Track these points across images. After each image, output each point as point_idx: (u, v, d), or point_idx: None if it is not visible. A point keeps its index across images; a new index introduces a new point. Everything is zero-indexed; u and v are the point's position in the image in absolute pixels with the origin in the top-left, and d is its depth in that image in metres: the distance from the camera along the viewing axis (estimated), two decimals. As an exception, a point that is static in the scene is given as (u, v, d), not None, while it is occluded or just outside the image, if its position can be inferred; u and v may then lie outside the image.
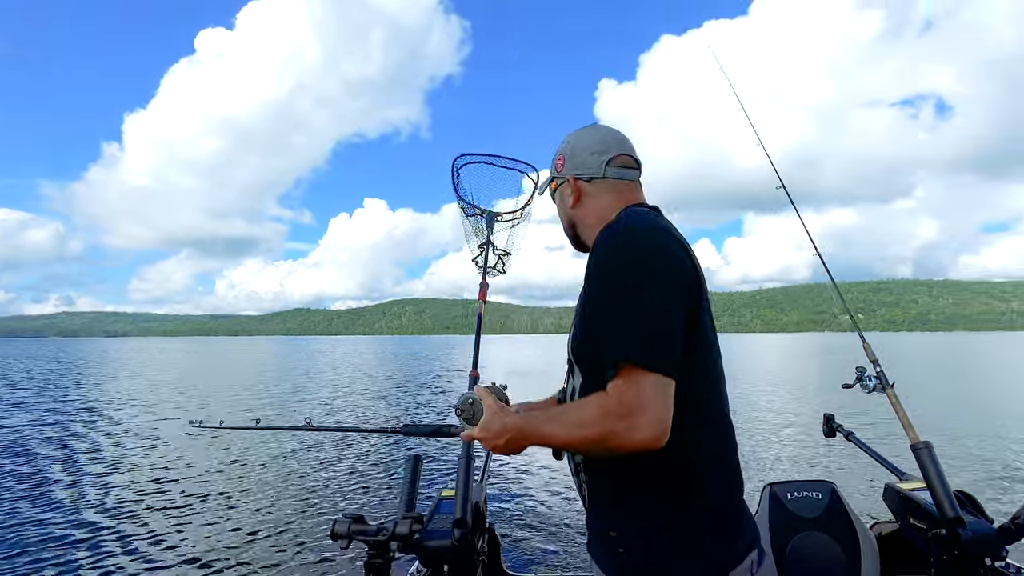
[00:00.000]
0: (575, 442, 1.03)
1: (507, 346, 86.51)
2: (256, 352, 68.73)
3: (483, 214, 2.36)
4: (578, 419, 1.02)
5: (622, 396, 0.97)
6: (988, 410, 13.22)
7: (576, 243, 1.38)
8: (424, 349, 74.61)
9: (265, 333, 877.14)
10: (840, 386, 2.26)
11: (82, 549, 5.28)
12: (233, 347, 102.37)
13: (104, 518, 6.13)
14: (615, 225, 1.15)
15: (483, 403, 1.15)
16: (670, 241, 1.10)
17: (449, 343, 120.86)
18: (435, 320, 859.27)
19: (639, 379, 0.97)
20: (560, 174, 1.34)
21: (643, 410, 0.96)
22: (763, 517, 2.08)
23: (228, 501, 6.78)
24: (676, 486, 1.08)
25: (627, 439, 0.96)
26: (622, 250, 1.07)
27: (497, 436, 1.10)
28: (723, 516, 1.11)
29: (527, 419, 1.10)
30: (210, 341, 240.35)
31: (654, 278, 1.03)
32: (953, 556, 1.71)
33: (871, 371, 2.09)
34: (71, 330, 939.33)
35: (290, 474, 8.05)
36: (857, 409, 11.40)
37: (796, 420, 12.16)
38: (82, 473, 8.19)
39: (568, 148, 1.33)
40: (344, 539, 1.53)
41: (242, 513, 6.33)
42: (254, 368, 35.26)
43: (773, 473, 7.69)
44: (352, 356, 52.17)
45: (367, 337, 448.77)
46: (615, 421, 0.97)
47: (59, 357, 54.60)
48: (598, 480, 1.16)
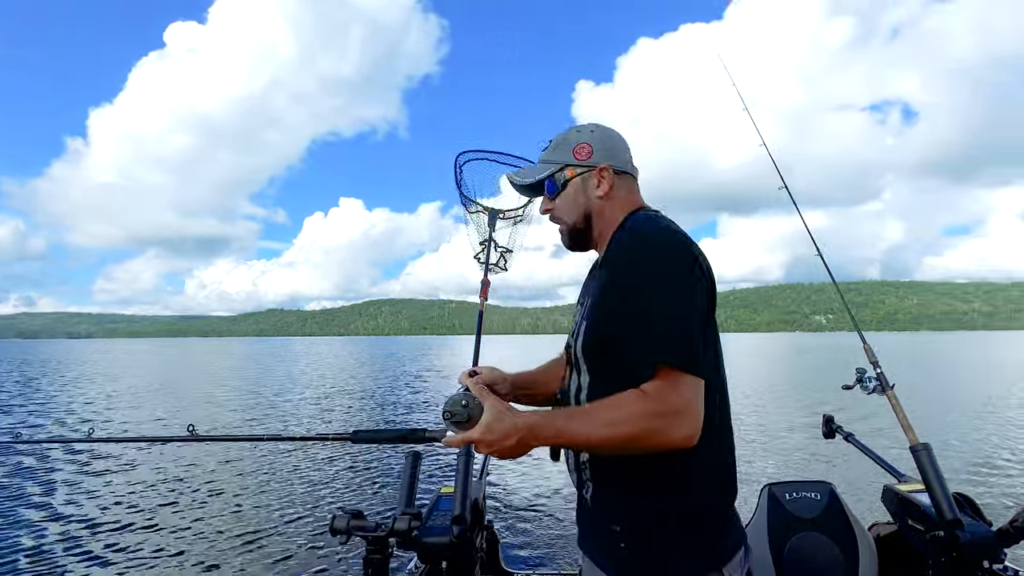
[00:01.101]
0: (605, 440, 1.03)
1: (487, 347, 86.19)
2: (228, 353, 67.38)
3: (485, 211, 2.33)
4: (611, 418, 1.02)
5: (664, 396, 1.01)
6: (970, 411, 13.45)
7: (579, 238, 1.32)
8: (401, 350, 74.03)
9: (237, 334, 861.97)
10: (840, 387, 2.27)
11: (82, 549, 5.25)
12: (204, 348, 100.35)
13: (102, 519, 6.11)
14: (642, 225, 1.18)
15: (483, 403, 1.05)
16: (695, 245, 1.14)
17: (426, 344, 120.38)
18: (412, 321, 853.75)
19: (679, 380, 1.01)
20: (587, 162, 1.28)
21: (682, 411, 1.00)
22: (761, 517, 2.08)
23: (227, 498, 6.77)
24: (682, 484, 1.12)
25: (666, 438, 1.00)
26: (658, 249, 1.10)
27: (505, 437, 1.02)
28: (720, 513, 1.17)
29: (544, 417, 1.06)
30: (180, 342, 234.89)
31: (695, 285, 1.09)
32: (951, 558, 1.71)
33: (871, 372, 2.10)
34: (32, 331, 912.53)
35: (289, 470, 8.04)
36: (845, 406, 11.59)
37: (794, 420, 12.30)
38: (68, 475, 8.05)
39: (594, 138, 1.30)
40: (343, 534, 1.52)
41: (242, 509, 6.33)
42: (228, 370, 34.66)
43: (771, 473, 7.75)
44: (328, 358, 51.44)
45: (342, 338, 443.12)
46: (655, 420, 1.00)
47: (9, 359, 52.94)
48: (605, 478, 1.18)
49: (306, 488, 7.14)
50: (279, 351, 74.80)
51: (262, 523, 5.86)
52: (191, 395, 19.88)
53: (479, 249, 2.31)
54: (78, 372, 33.20)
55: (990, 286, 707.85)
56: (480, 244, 2.32)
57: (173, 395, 19.98)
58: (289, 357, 53.40)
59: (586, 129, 1.32)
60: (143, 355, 62.99)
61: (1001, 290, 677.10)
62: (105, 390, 21.39)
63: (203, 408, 16.06)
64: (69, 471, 8.27)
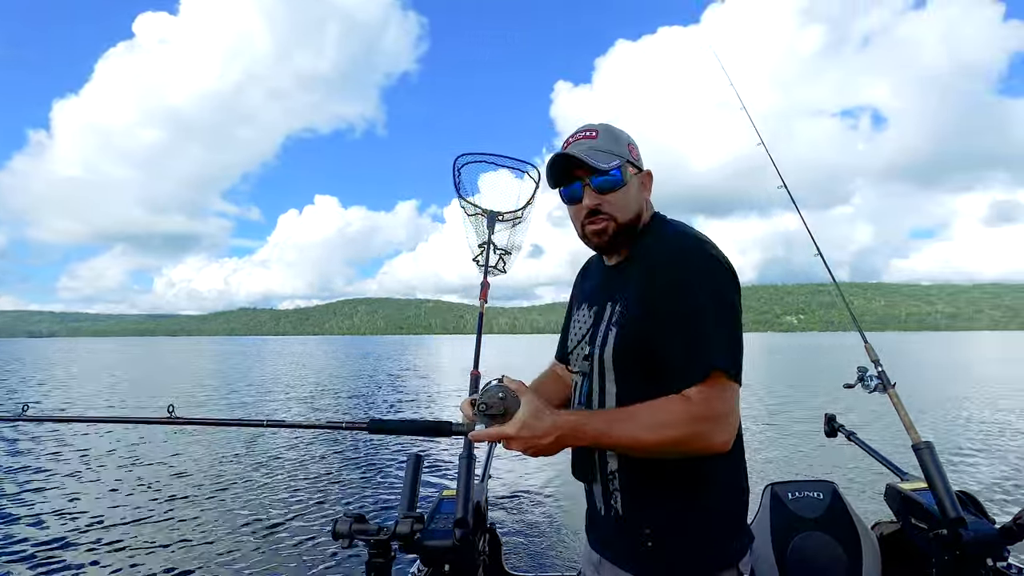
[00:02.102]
0: (649, 443, 1.06)
1: (460, 347, 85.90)
2: (207, 351, 65.85)
3: (484, 214, 2.31)
4: (656, 421, 1.05)
5: (710, 402, 1.05)
6: (958, 409, 13.57)
7: (627, 237, 1.28)
8: (377, 349, 73.20)
9: (208, 333, 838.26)
10: (841, 386, 2.28)
11: (81, 551, 5.24)
12: (173, 347, 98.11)
13: (102, 518, 6.09)
14: (694, 233, 1.22)
15: (520, 397, 1.04)
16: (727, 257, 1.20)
17: (403, 343, 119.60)
18: (388, 320, 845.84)
19: (726, 387, 1.07)
20: (639, 163, 1.31)
21: (727, 416, 1.07)
22: (764, 517, 2.08)
23: (229, 501, 6.74)
24: (707, 486, 1.18)
25: (710, 442, 1.06)
26: (716, 265, 1.15)
27: (545, 435, 1.03)
28: (737, 514, 1.24)
29: (583, 417, 1.09)
30: (148, 341, 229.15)
31: (737, 290, 1.16)
32: (955, 556, 1.71)
33: (872, 371, 2.11)
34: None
35: (291, 473, 8.00)
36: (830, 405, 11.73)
37: (795, 419, 12.36)
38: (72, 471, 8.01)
39: (630, 139, 1.32)
40: (345, 538, 1.50)
41: (243, 512, 6.31)
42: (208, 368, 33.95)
43: (774, 473, 7.77)
44: (306, 356, 50.68)
45: (316, 337, 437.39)
46: (701, 424, 1.04)
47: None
48: (636, 485, 1.21)
49: (308, 492, 7.13)
50: (251, 350, 73.33)
51: (263, 526, 5.86)
52: (172, 389, 19.47)
53: (478, 251, 2.29)
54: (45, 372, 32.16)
55: (953, 288, 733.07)
56: (479, 246, 2.29)
57: (154, 387, 19.59)
58: (265, 356, 52.57)
59: (614, 129, 1.31)
60: (108, 354, 61.28)
61: (963, 292, 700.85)
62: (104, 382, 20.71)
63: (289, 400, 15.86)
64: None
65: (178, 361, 44.96)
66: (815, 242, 2.18)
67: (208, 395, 18.79)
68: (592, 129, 1.29)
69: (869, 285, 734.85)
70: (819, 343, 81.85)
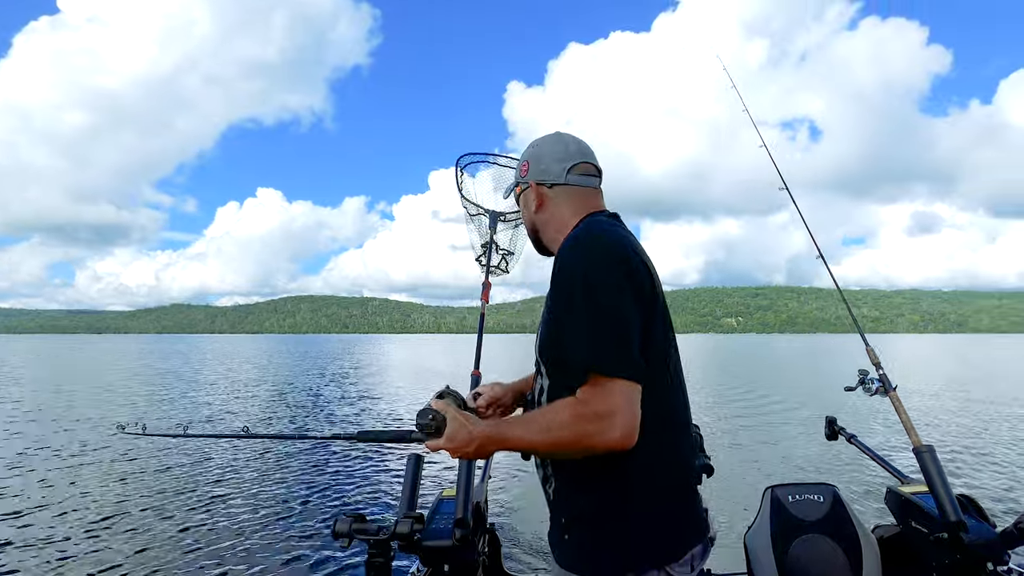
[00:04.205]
0: (544, 444, 1.11)
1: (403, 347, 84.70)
2: (124, 351, 61.93)
3: (486, 214, 2.26)
4: (549, 423, 1.10)
5: (593, 402, 1.07)
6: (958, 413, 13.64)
7: (539, 247, 1.48)
8: (312, 349, 70.77)
9: (135, 331, 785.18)
10: (843, 388, 2.31)
11: (83, 552, 5.20)
12: (96, 346, 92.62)
13: (99, 519, 6.05)
14: (578, 233, 1.24)
15: (445, 415, 1.18)
16: (628, 249, 1.18)
17: (348, 342, 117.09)
18: (332, 319, 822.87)
19: (608, 385, 1.07)
20: (524, 179, 1.42)
21: (613, 415, 1.06)
22: (764, 520, 2.09)
23: (227, 500, 6.71)
24: (622, 481, 1.16)
25: (599, 441, 1.07)
26: (585, 259, 1.15)
27: (466, 444, 1.15)
28: (666, 511, 1.19)
29: (494, 426, 1.17)
30: (69, 339, 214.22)
31: (617, 287, 1.12)
32: (955, 560, 1.73)
33: (873, 374, 2.14)
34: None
35: (290, 473, 7.96)
36: None
37: (796, 421, 12.47)
38: None
39: (532, 154, 1.42)
40: (345, 538, 1.53)
41: (242, 513, 6.27)
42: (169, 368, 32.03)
43: (774, 475, 7.76)
44: (227, 356, 47.99)
45: (255, 336, 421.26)
46: (586, 424, 1.07)
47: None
48: (559, 472, 1.25)
49: (307, 491, 7.12)
50: (183, 348, 68.85)
51: (263, 526, 5.86)
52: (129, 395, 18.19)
53: (480, 252, 2.26)
54: None
55: (878, 293, 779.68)
56: (481, 247, 2.26)
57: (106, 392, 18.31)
58: (192, 356, 48.75)
59: (532, 144, 1.44)
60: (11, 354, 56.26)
61: (886, 297, 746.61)
62: None
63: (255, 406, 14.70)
64: None
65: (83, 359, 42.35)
66: (816, 243, 2.20)
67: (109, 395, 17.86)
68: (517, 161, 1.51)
69: (803, 289, 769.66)
70: (753, 342, 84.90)
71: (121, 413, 14.27)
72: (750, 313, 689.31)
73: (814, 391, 19.29)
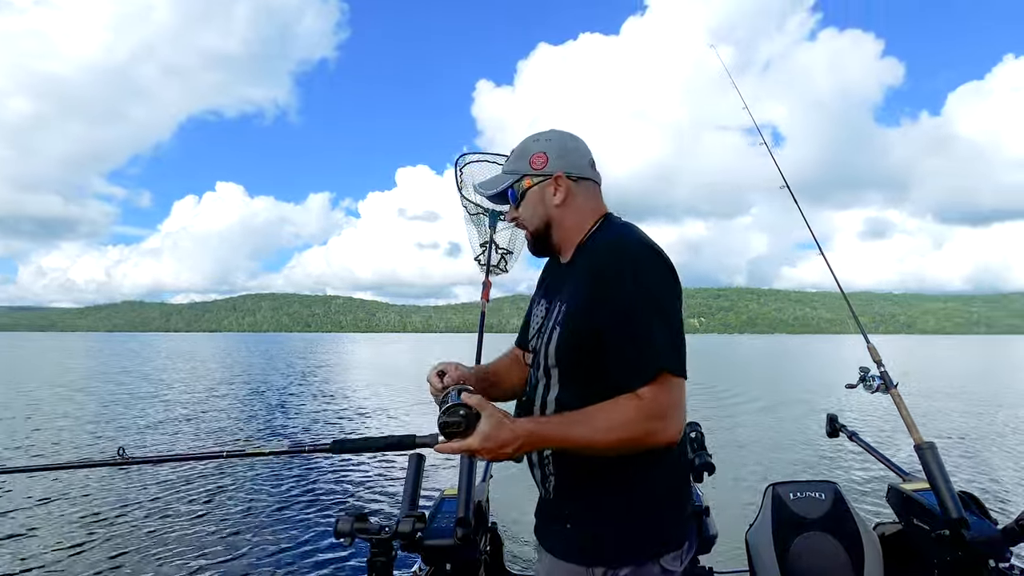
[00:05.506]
0: (605, 443, 1.12)
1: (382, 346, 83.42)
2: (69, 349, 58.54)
3: (486, 213, 2.23)
4: (612, 422, 1.12)
5: (660, 400, 1.11)
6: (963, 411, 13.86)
7: (543, 245, 1.41)
8: (273, 347, 68.45)
9: (83, 329, 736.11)
10: (844, 386, 2.32)
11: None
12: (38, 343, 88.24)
13: (100, 519, 6.06)
14: (625, 237, 1.25)
15: (480, 411, 1.09)
16: (668, 256, 1.24)
17: (310, 341, 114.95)
18: (294, 317, 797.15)
19: (672, 384, 1.13)
20: (542, 171, 1.34)
21: (675, 412, 1.13)
22: (766, 517, 2.08)
23: (229, 502, 6.70)
24: (635, 473, 1.20)
25: (662, 438, 1.13)
26: (658, 265, 1.20)
27: (506, 444, 1.10)
28: (667, 506, 1.25)
29: (540, 424, 1.19)
30: (9, 337, 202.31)
31: (677, 293, 1.21)
32: (957, 557, 1.73)
33: (875, 371, 2.15)
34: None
35: (290, 473, 7.95)
36: None
37: (797, 418, 12.56)
38: None
39: (551, 146, 1.36)
40: (347, 537, 1.53)
41: (243, 513, 6.28)
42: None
43: (776, 473, 7.72)
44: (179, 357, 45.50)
45: (213, 335, 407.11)
46: (652, 423, 1.11)
47: None
48: (566, 467, 1.26)
49: (308, 491, 7.10)
50: (135, 347, 64.52)
51: (265, 526, 5.90)
52: None
53: (480, 251, 2.24)
54: None
55: (832, 295, 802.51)
56: (481, 246, 2.24)
57: None
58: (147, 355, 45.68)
59: (543, 137, 1.37)
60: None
61: (840, 299, 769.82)
62: None
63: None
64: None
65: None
66: (818, 245, 2.21)
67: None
68: (512, 151, 1.42)
69: (762, 291, 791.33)
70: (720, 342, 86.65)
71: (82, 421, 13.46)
72: (712, 314, 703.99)
73: (809, 389, 19.69)
